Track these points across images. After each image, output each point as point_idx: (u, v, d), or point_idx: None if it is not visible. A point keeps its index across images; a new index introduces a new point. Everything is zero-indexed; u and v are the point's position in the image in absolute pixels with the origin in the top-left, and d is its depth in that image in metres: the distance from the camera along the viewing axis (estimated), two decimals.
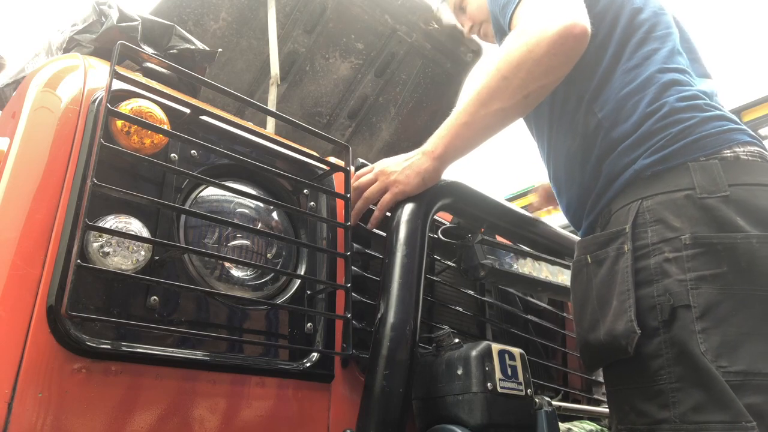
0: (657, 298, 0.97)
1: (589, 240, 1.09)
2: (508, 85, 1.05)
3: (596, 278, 1.05)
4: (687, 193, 0.99)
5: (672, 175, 1.01)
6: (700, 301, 0.94)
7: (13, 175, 0.88)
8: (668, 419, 0.94)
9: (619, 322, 0.98)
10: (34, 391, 0.78)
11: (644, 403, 0.97)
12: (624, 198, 1.05)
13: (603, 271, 1.04)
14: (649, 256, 0.99)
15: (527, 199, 4.72)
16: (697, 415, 0.91)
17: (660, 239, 0.98)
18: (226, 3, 2.26)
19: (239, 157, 1.04)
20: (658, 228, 0.99)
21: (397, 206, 1.20)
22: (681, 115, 1.04)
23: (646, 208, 1.01)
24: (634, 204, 1.02)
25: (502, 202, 1.46)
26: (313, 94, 2.65)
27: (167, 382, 0.91)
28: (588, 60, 1.10)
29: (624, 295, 0.99)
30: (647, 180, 1.03)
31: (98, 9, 1.22)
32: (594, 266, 1.06)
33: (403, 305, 1.06)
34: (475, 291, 1.54)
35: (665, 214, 0.99)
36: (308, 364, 1.08)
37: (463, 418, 1.03)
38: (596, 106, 1.11)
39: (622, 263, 1.00)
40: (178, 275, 0.97)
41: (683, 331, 0.94)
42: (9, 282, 0.81)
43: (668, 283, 0.96)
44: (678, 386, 0.94)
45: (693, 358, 0.92)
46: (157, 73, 1.12)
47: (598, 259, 1.05)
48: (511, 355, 1.10)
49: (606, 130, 1.09)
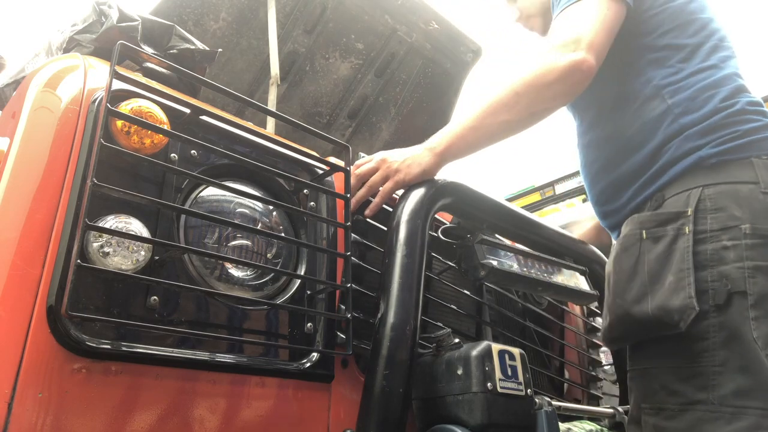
0: (711, 282, 0.99)
1: (646, 216, 1.10)
2: (518, 101, 1.15)
3: (650, 253, 1.06)
4: (750, 186, 1.03)
5: (736, 167, 1.05)
6: (755, 290, 0.96)
7: (13, 175, 0.88)
8: (705, 401, 0.95)
9: (675, 297, 1.00)
10: (34, 391, 0.78)
11: (679, 383, 0.98)
12: (682, 184, 1.08)
13: (659, 248, 1.05)
14: (706, 241, 1.02)
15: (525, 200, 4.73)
16: (737, 399, 0.93)
17: (720, 227, 1.01)
18: (226, 3, 2.26)
19: (239, 157, 1.04)
20: (719, 216, 1.02)
21: (397, 206, 1.20)
22: (750, 116, 1.10)
23: (707, 196, 1.04)
24: (695, 190, 1.06)
25: (502, 202, 1.46)
26: (313, 94, 2.65)
27: (167, 382, 0.91)
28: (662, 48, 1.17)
29: (683, 273, 1.01)
30: (710, 168, 1.06)
31: (98, 9, 1.22)
32: (649, 242, 1.07)
33: (403, 305, 1.06)
34: (473, 291, 1.54)
35: (727, 203, 1.03)
36: (308, 364, 1.08)
37: (463, 418, 1.03)
38: (667, 93, 1.15)
39: (682, 243, 1.03)
40: (178, 275, 0.97)
41: (737, 317, 0.96)
42: (9, 282, 0.81)
43: (725, 269, 0.99)
44: (720, 369, 0.95)
45: (743, 344, 0.94)
46: (157, 73, 1.12)
47: (655, 235, 1.07)
48: (511, 355, 1.10)
49: (675, 116, 1.13)
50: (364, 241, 1.28)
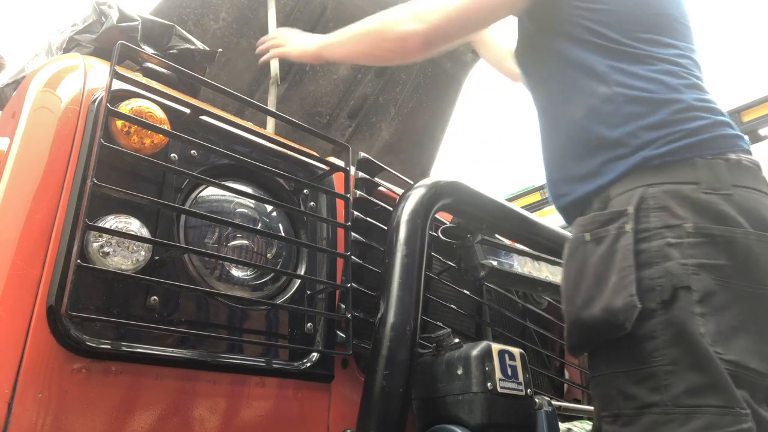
0: (657, 279, 0.98)
1: (588, 218, 1.09)
2: (365, 40, 1.32)
3: (594, 255, 1.05)
4: (692, 186, 1.03)
5: (679, 168, 1.05)
6: (699, 287, 0.95)
7: (13, 175, 0.88)
8: (659, 402, 0.93)
9: (618, 297, 0.99)
10: (34, 391, 0.78)
11: (633, 387, 0.97)
12: (627, 183, 1.07)
13: (602, 249, 1.04)
14: (650, 239, 1.00)
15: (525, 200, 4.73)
16: (690, 398, 0.91)
17: (663, 225, 1.01)
18: (226, 3, 2.25)
19: (239, 157, 1.04)
20: (662, 215, 1.01)
21: (397, 206, 1.20)
22: (697, 113, 1.08)
23: (651, 195, 1.03)
24: (638, 189, 1.04)
25: (502, 202, 1.46)
26: (313, 94, 2.64)
27: (167, 382, 0.91)
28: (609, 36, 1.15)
29: (625, 272, 0.99)
30: (654, 168, 1.05)
31: (98, 9, 1.22)
32: (592, 244, 1.06)
33: (403, 305, 1.06)
34: (473, 291, 1.54)
35: (670, 203, 1.02)
36: (308, 364, 1.08)
37: (463, 418, 1.03)
38: (613, 79, 1.13)
39: (623, 241, 1.01)
40: (178, 275, 0.97)
41: (683, 312, 0.95)
42: (9, 282, 0.81)
43: (670, 265, 0.98)
44: (671, 369, 0.94)
45: (691, 340, 0.93)
46: (157, 73, 1.12)
47: (597, 237, 1.06)
48: (511, 355, 1.10)
49: (619, 104, 1.11)
50: (365, 240, 1.28)
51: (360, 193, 1.30)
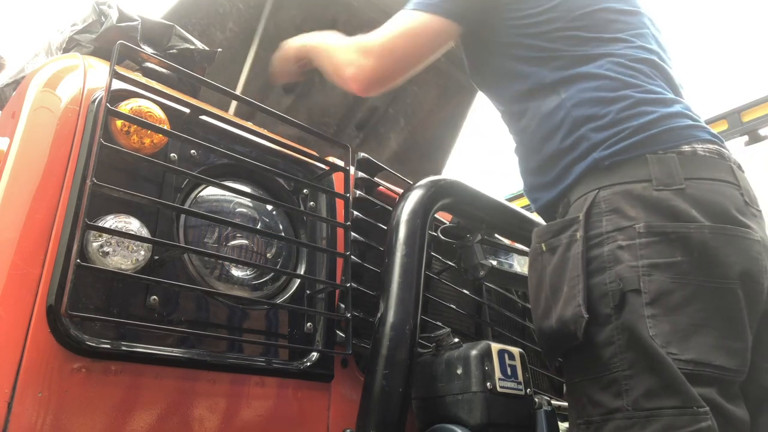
0: (609, 285, 0.97)
1: (544, 228, 1.10)
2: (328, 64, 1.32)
3: (549, 266, 1.05)
4: (644, 184, 1.01)
5: (630, 167, 1.03)
6: (651, 288, 0.94)
7: (13, 175, 0.88)
8: (621, 408, 0.93)
9: (568, 307, 0.98)
10: (34, 391, 0.78)
11: (599, 393, 0.97)
12: (583, 187, 1.06)
13: (555, 259, 1.04)
14: (602, 244, 1.00)
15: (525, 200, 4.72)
16: (648, 401, 0.91)
17: (614, 228, 0.99)
18: (234, 14, 2.24)
19: (239, 157, 1.04)
20: (613, 217, 1.00)
21: (396, 205, 1.20)
22: (645, 108, 1.06)
23: (602, 198, 1.02)
24: (590, 194, 1.03)
25: (502, 202, 1.46)
26: (321, 105, 2.62)
27: (167, 381, 0.91)
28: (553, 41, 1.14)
29: (574, 281, 0.99)
30: (605, 169, 1.04)
31: (98, 9, 1.22)
32: (548, 254, 1.06)
33: (402, 305, 1.06)
34: (473, 291, 1.54)
35: (621, 204, 1.00)
36: (308, 364, 1.08)
37: (463, 418, 1.03)
38: (561, 87, 1.12)
39: (574, 250, 1.01)
40: (177, 275, 0.97)
41: (632, 316, 0.94)
42: (9, 281, 0.81)
43: (620, 269, 0.97)
44: (630, 373, 0.93)
45: (642, 343, 0.93)
46: (156, 73, 1.12)
47: (551, 247, 1.05)
48: (511, 355, 1.10)
49: (567, 110, 1.10)
50: (364, 240, 1.28)
51: (360, 193, 1.30)
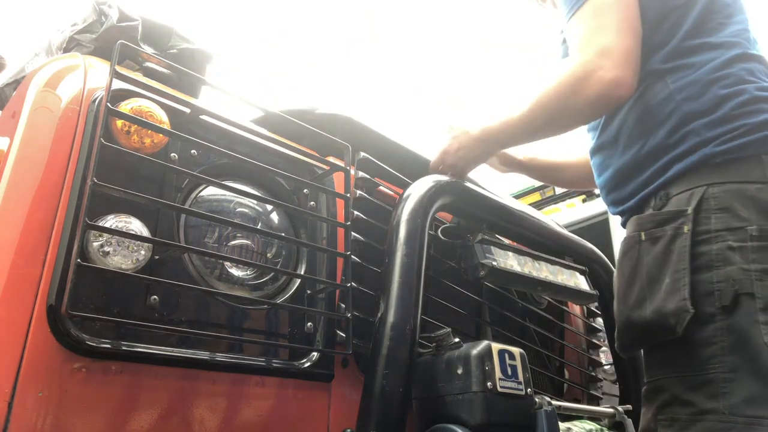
0: (717, 284, 0.95)
1: (646, 217, 1.07)
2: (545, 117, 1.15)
3: (648, 256, 1.03)
4: (758, 185, 0.98)
5: (744, 166, 1.00)
6: (764, 293, 0.92)
7: (13, 175, 0.88)
8: (715, 410, 0.91)
9: (670, 300, 0.96)
10: (34, 391, 0.78)
11: (689, 392, 0.95)
12: (687, 182, 1.03)
13: (657, 249, 1.01)
14: (710, 242, 0.97)
15: (525, 200, 4.72)
16: (750, 408, 0.88)
17: (724, 227, 0.97)
18: None
19: (239, 157, 1.04)
20: (724, 216, 0.98)
21: (397, 205, 1.20)
22: (761, 105, 1.03)
23: (712, 195, 1.00)
24: (698, 189, 1.01)
25: (503, 202, 1.46)
26: None
27: (167, 381, 0.91)
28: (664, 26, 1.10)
29: (679, 274, 0.97)
30: (716, 166, 1.01)
31: (98, 9, 1.22)
32: (647, 244, 1.04)
33: (403, 305, 1.06)
34: (473, 291, 1.54)
35: (733, 204, 0.98)
36: (308, 364, 1.08)
37: (463, 418, 1.03)
38: (670, 78, 1.09)
39: (679, 243, 0.99)
40: (178, 275, 0.97)
41: (745, 320, 0.92)
42: (9, 281, 0.81)
43: (731, 270, 0.94)
44: (731, 376, 0.91)
45: (753, 348, 0.90)
46: (157, 73, 1.12)
47: (652, 237, 1.03)
48: (511, 355, 1.10)
49: (677, 102, 1.07)
50: (365, 240, 1.28)
51: (360, 193, 1.30)
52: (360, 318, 1.16)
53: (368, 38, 7.39)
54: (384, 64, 7.50)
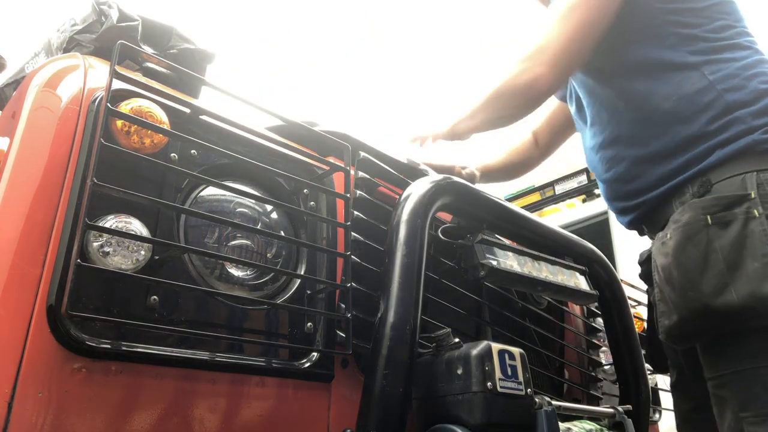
0: None
1: (708, 201, 1.04)
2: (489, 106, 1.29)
3: (721, 240, 1.01)
4: None
5: None
6: None
7: (13, 175, 0.88)
8: None
9: (766, 283, 0.94)
10: (34, 391, 0.78)
11: None
12: (731, 168, 1.04)
13: (731, 234, 1.00)
14: None
15: (525, 200, 4.72)
16: None
17: None
18: None
19: (239, 157, 1.04)
20: None
21: (397, 205, 1.20)
22: None
23: (765, 180, 1.01)
24: (749, 174, 1.02)
25: (502, 202, 1.46)
26: None
27: (167, 381, 0.91)
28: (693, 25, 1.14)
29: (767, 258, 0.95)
30: (761, 153, 1.03)
31: (98, 9, 1.22)
32: (716, 228, 1.01)
33: (403, 305, 1.06)
34: (473, 291, 1.54)
35: None
36: (308, 364, 1.08)
37: (463, 418, 1.03)
38: (706, 68, 1.12)
39: (755, 226, 0.98)
40: (178, 275, 0.97)
41: None
42: (9, 281, 0.81)
43: None
44: None
45: None
46: (157, 73, 1.12)
47: (722, 220, 1.01)
48: (511, 355, 1.10)
49: (719, 92, 1.09)
50: (365, 240, 1.28)
51: (360, 193, 1.30)
52: (360, 318, 1.16)
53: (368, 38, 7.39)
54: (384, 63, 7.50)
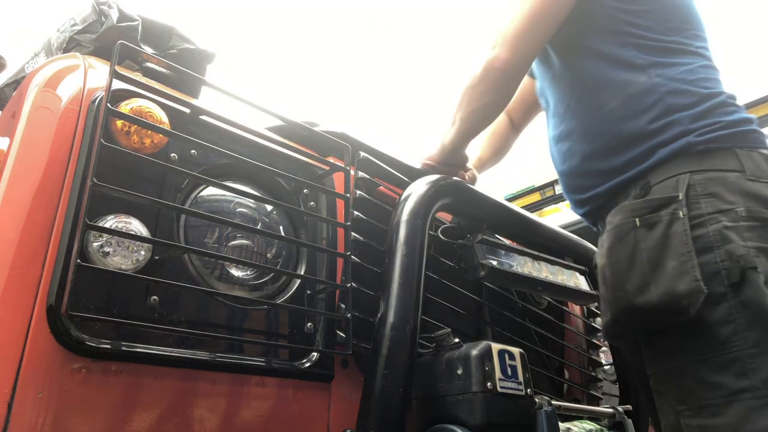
0: (721, 263, 0.97)
1: (638, 204, 1.09)
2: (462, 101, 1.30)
3: (646, 241, 1.04)
4: (736, 174, 1.04)
5: (721, 157, 1.07)
6: (764, 269, 0.95)
7: (13, 175, 0.88)
8: (749, 387, 0.91)
9: (680, 282, 0.98)
10: (34, 391, 0.78)
11: (715, 375, 0.94)
12: (668, 169, 1.08)
13: (655, 235, 1.04)
14: (705, 224, 1.01)
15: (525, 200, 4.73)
16: None
17: (714, 210, 1.01)
18: None
19: (239, 157, 1.04)
20: (712, 200, 1.02)
21: (397, 205, 1.20)
22: (731, 108, 1.12)
23: (697, 182, 1.04)
24: (683, 176, 1.06)
25: (502, 202, 1.46)
26: None
27: (167, 381, 0.91)
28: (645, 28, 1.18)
29: (685, 257, 0.99)
30: (697, 155, 1.07)
31: (98, 9, 1.22)
32: (643, 229, 1.06)
33: (403, 305, 1.06)
34: (473, 291, 1.54)
35: (718, 189, 1.03)
36: (308, 364, 1.08)
37: (463, 418, 1.03)
38: (652, 70, 1.15)
39: (678, 227, 1.01)
40: (178, 275, 0.97)
41: (756, 293, 0.94)
42: (9, 282, 0.81)
43: (732, 247, 0.97)
44: (755, 351, 0.92)
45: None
46: (157, 73, 1.12)
47: (648, 222, 1.05)
48: (511, 355, 1.10)
49: (662, 94, 1.13)
50: (365, 240, 1.28)
51: (360, 193, 1.30)
52: (360, 318, 1.16)
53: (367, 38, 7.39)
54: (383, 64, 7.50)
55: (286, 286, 1.14)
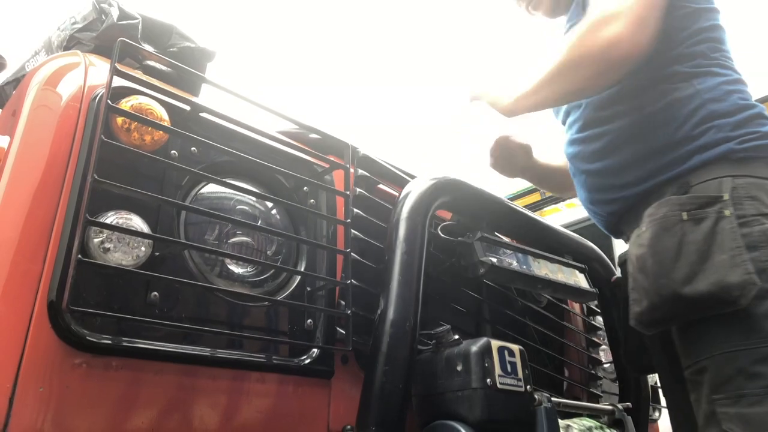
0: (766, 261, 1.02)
1: (685, 199, 1.12)
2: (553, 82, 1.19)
3: (694, 233, 1.08)
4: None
5: (758, 165, 1.12)
6: None
7: (14, 173, 0.88)
8: None
9: (732, 274, 1.01)
10: (35, 386, 0.78)
11: (757, 365, 0.98)
12: (708, 172, 1.13)
13: (703, 229, 1.07)
14: (751, 224, 1.05)
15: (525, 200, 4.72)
16: None
17: (758, 212, 1.06)
18: None
19: (239, 154, 1.04)
20: (754, 203, 1.07)
21: (397, 203, 1.20)
22: (764, 120, 1.18)
23: (739, 185, 1.09)
24: (725, 179, 1.10)
25: (502, 200, 1.46)
26: None
27: (167, 377, 0.91)
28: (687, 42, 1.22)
29: (735, 251, 1.03)
30: (736, 161, 1.12)
31: (98, 7, 1.23)
32: (690, 223, 1.09)
33: (402, 302, 1.06)
34: (473, 289, 1.54)
35: (758, 194, 1.08)
36: (308, 360, 1.09)
37: (463, 414, 1.03)
38: (695, 79, 1.20)
39: (725, 224, 1.06)
40: (178, 271, 0.98)
41: None
42: (10, 277, 0.81)
43: None
44: None
45: None
46: (157, 71, 1.13)
47: (695, 217, 1.08)
48: (511, 352, 1.10)
49: (704, 101, 1.17)
50: (364, 237, 1.28)
51: (360, 191, 1.30)
52: (360, 315, 1.16)
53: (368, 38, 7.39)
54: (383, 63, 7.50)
55: (286, 283, 1.14)
